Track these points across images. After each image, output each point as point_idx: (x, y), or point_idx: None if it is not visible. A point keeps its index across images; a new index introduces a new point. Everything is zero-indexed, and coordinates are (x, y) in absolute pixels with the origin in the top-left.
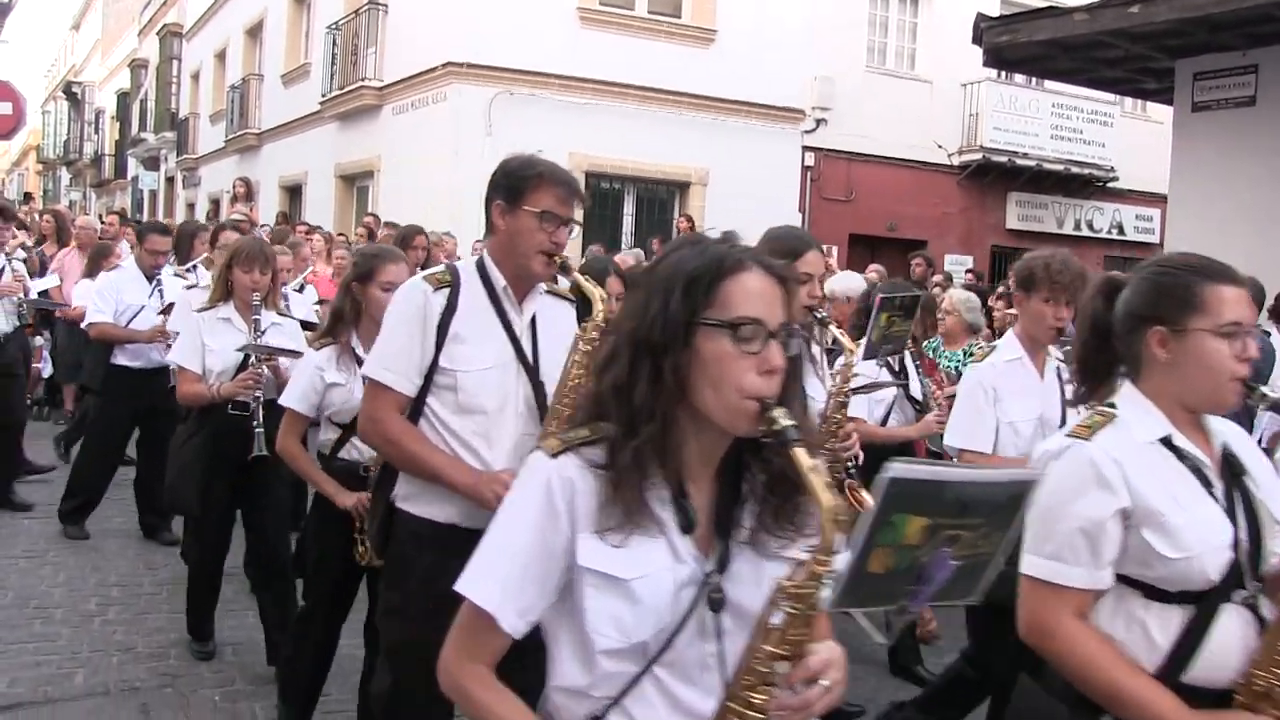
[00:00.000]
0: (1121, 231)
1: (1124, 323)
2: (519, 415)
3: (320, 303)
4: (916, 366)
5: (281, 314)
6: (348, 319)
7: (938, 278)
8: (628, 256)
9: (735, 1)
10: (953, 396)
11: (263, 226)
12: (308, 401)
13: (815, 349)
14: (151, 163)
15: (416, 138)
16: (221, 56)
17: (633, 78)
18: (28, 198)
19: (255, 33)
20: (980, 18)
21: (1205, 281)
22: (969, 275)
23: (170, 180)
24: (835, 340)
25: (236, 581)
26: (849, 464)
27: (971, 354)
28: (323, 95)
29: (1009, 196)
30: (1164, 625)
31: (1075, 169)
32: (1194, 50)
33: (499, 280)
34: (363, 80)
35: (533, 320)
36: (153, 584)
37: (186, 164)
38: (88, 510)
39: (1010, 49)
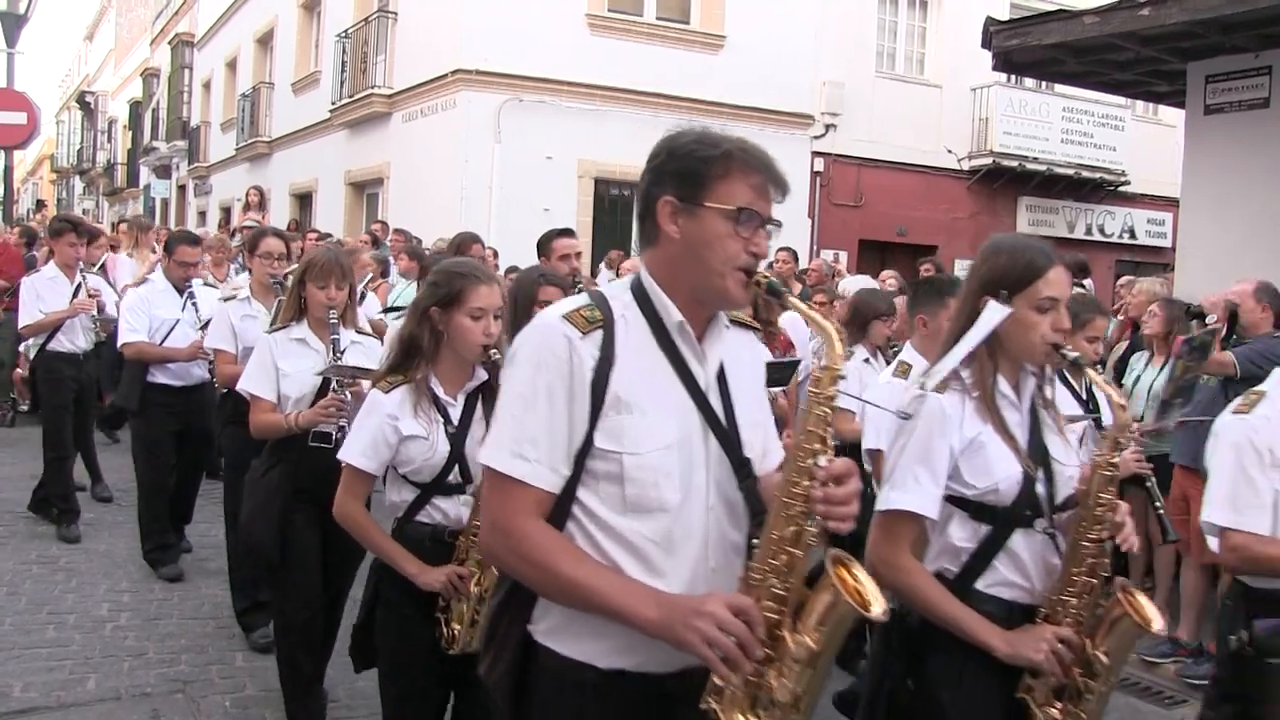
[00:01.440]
0: (1133, 236)
1: None
2: (710, 509)
3: (386, 311)
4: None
5: (361, 331)
6: (425, 353)
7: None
8: (635, 261)
9: (744, 7)
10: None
11: None
12: (377, 458)
13: (1049, 392)
14: (163, 171)
15: (426, 145)
16: (232, 65)
17: (642, 84)
18: (40, 205)
19: (266, 41)
20: (989, 21)
21: None
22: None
23: (182, 188)
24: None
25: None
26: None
27: None
28: (333, 103)
29: (1019, 201)
30: None
31: (1086, 173)
32: (1206, 52)
33: (671, 313)
34: (372, 88)
35: (720, 369)
36: (163, 590)
37: (198, 172)
38: (169, 548)
39: (1020, 52)
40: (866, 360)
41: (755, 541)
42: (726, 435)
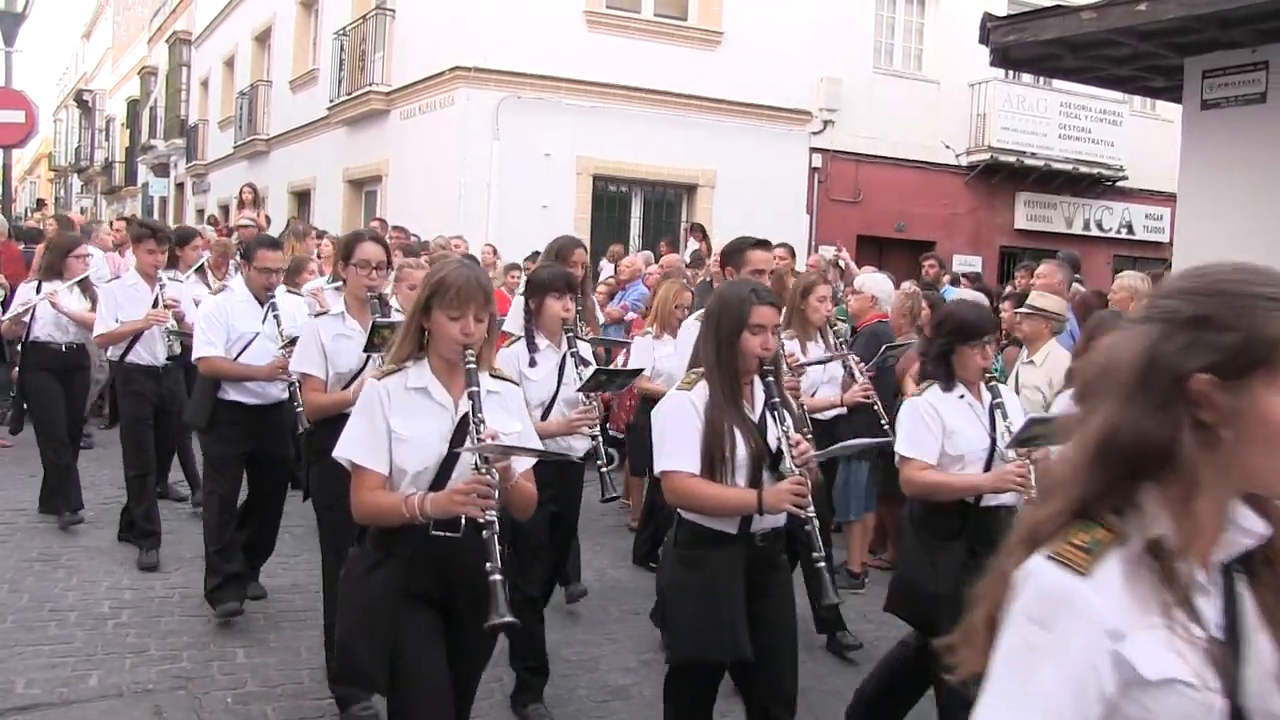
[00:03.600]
0: (1131, 231)
1: None
2: None
3: None
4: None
5: (496, 375)
6: (1182, 474)
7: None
8: (636, 258)
9: (741, 3)
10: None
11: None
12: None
13: None
14: (161, 169)
15: (424, 142)
16: (230, 63)
17: (640, 80)
18: (40, 204)
19: (264, 39)
20: (987, 17)
21: None
22: (965, 281)
23: (180, 186)
24: None
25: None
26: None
27: None
28: (331, 101)
29: (1017, 196)
30: None
31: (1084, 168)
32: (1203, 47)
33: None
34: (370, 85)
35: None
36: (164, 587)
37: (196, 170)
38: (238, 584)
39: (1017, 48)
40: None
41: None
42: None
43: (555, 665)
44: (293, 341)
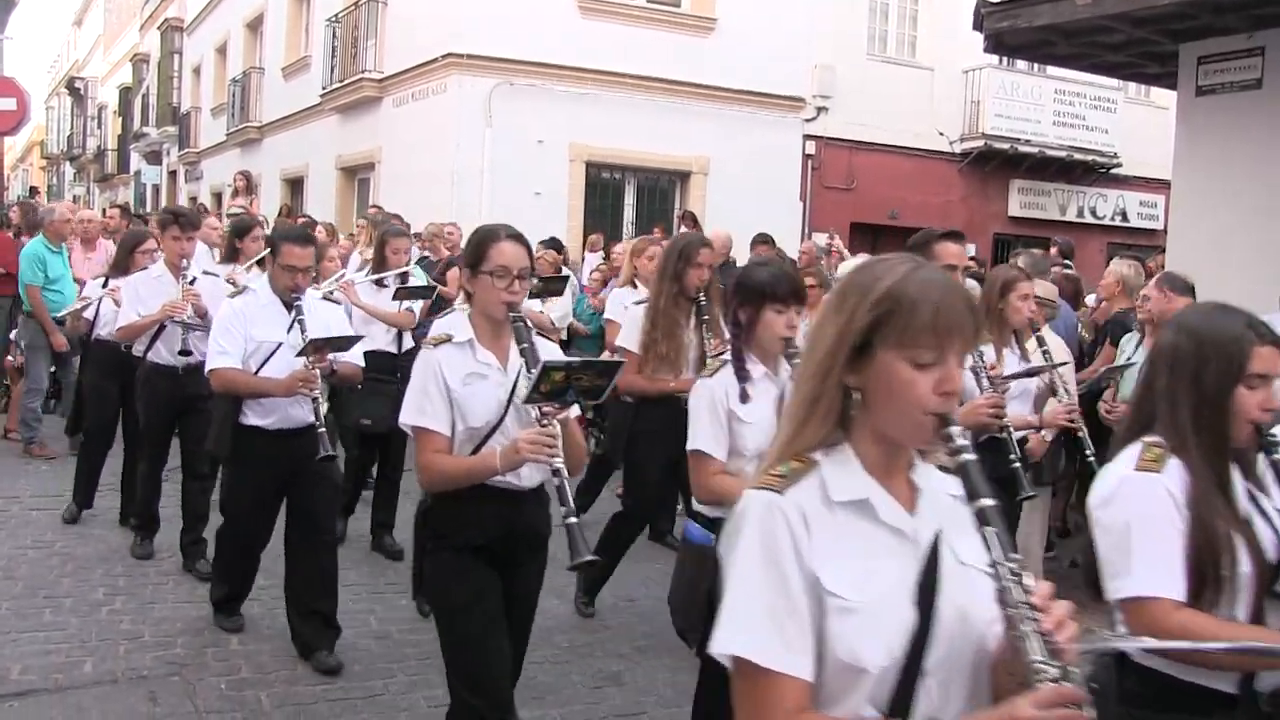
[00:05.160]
0: (1125, 218)
1: None
2: None
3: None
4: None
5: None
6: None
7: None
8: (630, 245)
9: None
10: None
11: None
12: None
13: None
14: (154, 157)
15: (417, 129)
16: (222, 50)
17: (633, 67)
18: (34, 192)
19: (255, 26)
20: (980, 3)
21: None
22: (971, 262)
23: (172, 174)
24: None
25: None
26: None
27: None
28: (323, 88)
29: (1011, 184)
30: None
31: (1078, 155)
32: (1198, 33)
33: None
34: (363, 72)
35: None
36: (158, 574)
37: (188, 158)
38: (236, 601)
39: (1011, 34)
40: None
41: None
42: None
43: (548, 650)
44: (313, 347)
